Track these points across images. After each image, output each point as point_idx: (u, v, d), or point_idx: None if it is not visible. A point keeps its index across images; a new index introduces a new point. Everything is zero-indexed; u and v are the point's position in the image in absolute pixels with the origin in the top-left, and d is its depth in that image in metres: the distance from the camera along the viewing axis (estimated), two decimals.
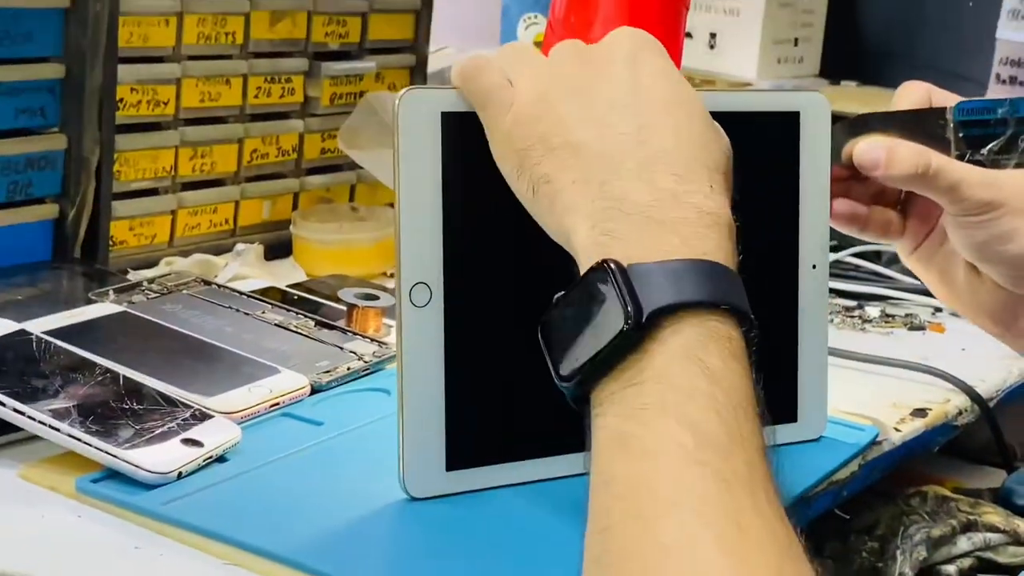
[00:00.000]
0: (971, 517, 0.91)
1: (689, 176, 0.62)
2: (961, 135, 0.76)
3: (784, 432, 0.81)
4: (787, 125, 0.79)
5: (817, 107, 0.79)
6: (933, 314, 1.23)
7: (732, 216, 0.63)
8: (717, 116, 0.75)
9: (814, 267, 0.80)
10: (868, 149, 0.76)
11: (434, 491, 0.71)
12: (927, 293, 1.25)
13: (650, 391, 0.56)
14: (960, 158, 0.76)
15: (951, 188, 0.75)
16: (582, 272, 0.60)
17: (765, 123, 0.78)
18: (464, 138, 0.68)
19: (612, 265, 0.58)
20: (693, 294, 0.58)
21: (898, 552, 0.88)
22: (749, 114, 0.77)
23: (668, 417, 0.55)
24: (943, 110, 0.77)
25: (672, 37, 0.92)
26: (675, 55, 0.96)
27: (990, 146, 0.75)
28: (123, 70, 1.07)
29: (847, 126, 0.79)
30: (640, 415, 0.55)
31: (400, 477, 0.70)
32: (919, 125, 0.77)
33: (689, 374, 0.56)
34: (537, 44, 1.56)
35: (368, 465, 0.77)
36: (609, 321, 0.58)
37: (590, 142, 0.63)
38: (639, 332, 0.57)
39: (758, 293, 0.78)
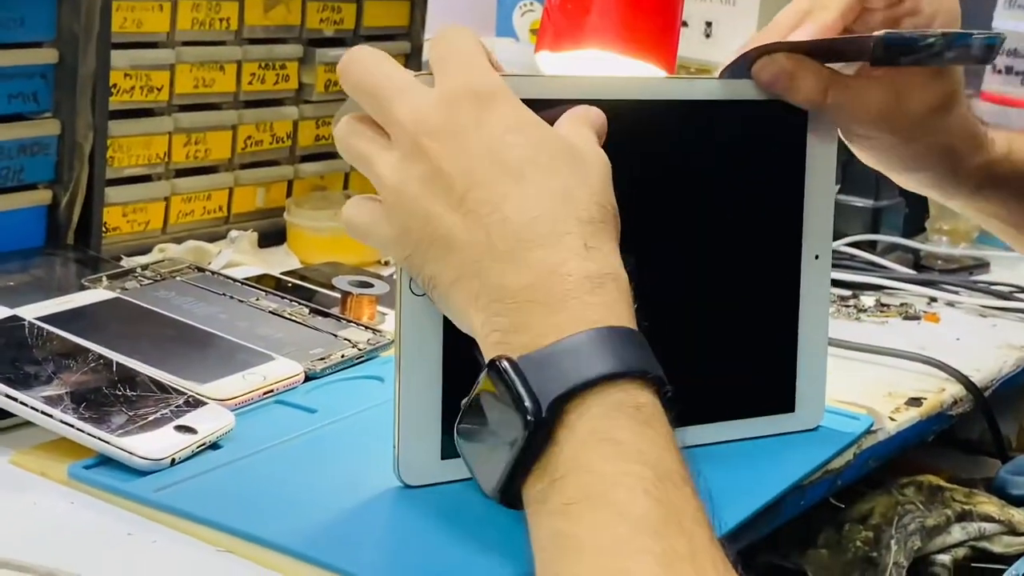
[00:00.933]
0: (965, 507, 0.91)
1: (559, 242, 0.59)
2: (882, 52, 0.74)
3: (781, 422, 0.81)
4: (794, 114, 0.78)
5: None
6: (928, 304, 1.23)
7: (620, 262, 0.61)
8: (723, 105, 0.75)
9: (817, 257, 0.80)
10: (765, 67, 0.76)
11: (428, 479, 0.70)
12: (923, 283, 1.26)
13: (573, 484, 0.54)
14: (874, 62, 0.75)
15: (848, 113, 0.77)
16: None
17: (772, 112, 0.78)
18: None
19: (504, 364, 0.57)
20: (589, 371, 0.56)
21: (892, 541, 0.88)
22: (756, 103, 0.77)
23: (597, 509, 0.53)
24: (868, 39, 0.74)
25: (668, 26, 0.91)
26: (671, 44, 0.95)
27: (914, 55, 0.74)
28: (116, 55, 1.07)
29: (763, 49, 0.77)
30: (569, 511, 0.54)
31: (395, 465, 0.70)
32: (846, 47, 0.76)
33: (605, 457, 0.54)
34: (533, 31, 1.56)
35: (361, 453, 0.76)
36: (513, 423, 0.56)
37: (457, 233, 0.60)
38: (544, 427, 0.56)
39: (760, 281, 0.78)
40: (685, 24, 1.54)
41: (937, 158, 0.81)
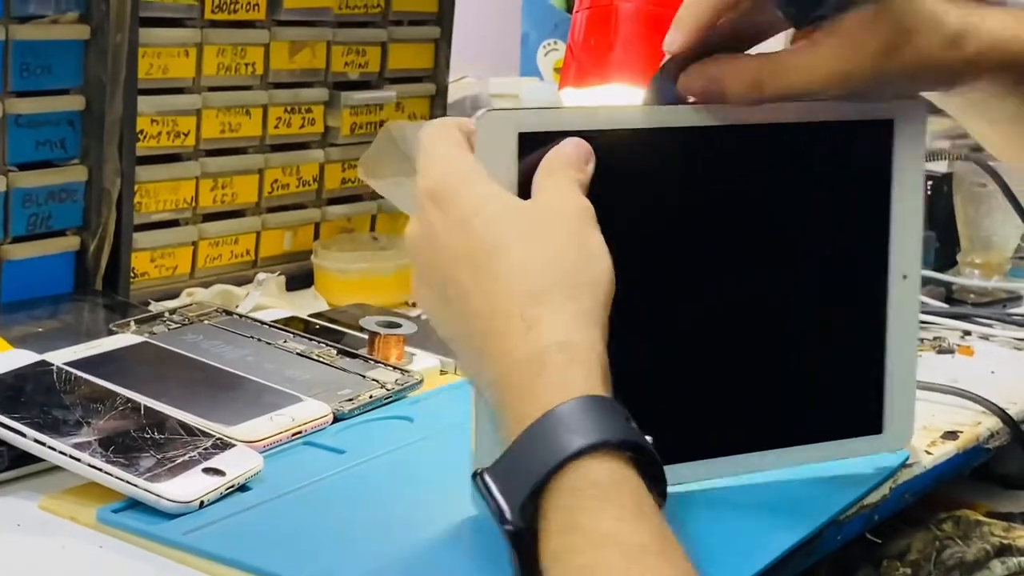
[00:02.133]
0: (1004, 541, 0.90)
1: (507, 328, 0.60)
2: (791, 8, 0.70)
3: (869, 443, 0.81)
4: (881, 133, 0.78)
5: (912, 114, 0.78)
6: (962, 337, 1.21)
7: (570, 320, 0.60)
8: (811, 126, 0.75)
9: (905, 277, 0.79)
10: (691, 82, 0.71)
11: None
12: (956, 316, 1.25)
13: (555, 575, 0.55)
14: (799, 23, 0.70)
15: (793, 92, 0.71)
16: None
17: (858, 131, 0.77)
18: (540, 157, 0.67)
19: (477, 477, 0.59)
20: (542, 467, 0.56)
21: None
22: (843, 123, 0.76)
23: None
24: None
25: None
26: None
27: (820, 9, 0.69)
28: (143, 101, 1.07)
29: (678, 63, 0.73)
30: None
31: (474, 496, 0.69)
32: (754, 17, 0.72)
33: (574, 549, 0.54)
34: (556, 70, 1.56)
35: (390, 494, 0.76)
36: (502, 534, 0.57)
37: (453, 332, 0.64)
38: (523, 533, 0.56)
39: (847, 303, 0.78)
40: None
41: (916, 75, 0.73)
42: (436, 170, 0.65)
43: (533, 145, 0.67)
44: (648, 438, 0.59)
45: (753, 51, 0.74)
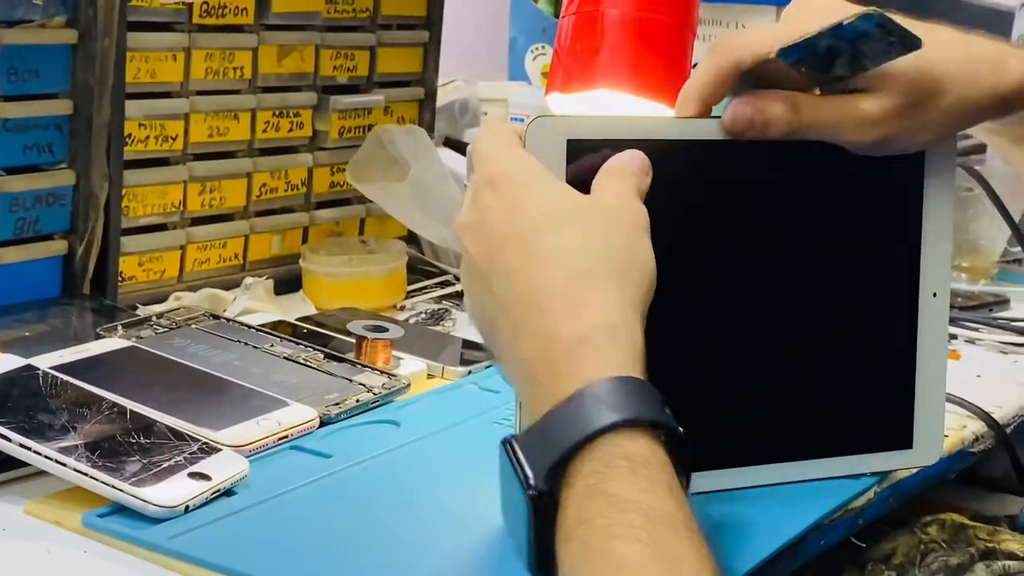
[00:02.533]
0: (989, 545, 0.90)
1: (553, 305, 0.61)
2: (804, 70, 0.72)
3: (899, 458, 0.83)
4: (913, 154, 0.78)
5: None
6: (948, 342, 1.22)
7: (618, 305, 0.61)
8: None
9: (935, 295, 0.81)
10: (736, 110, 0.72)
11: None
12: None
13: (577, 541, 0.56)
14: (821, 83, 0.73)
15: (833, 132, 0.73)
16: None
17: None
18: (589, 163, 0.69)
19: (507, 444, 0.60)
20: (575, 434, 0.58)
21: None
22: None
23: (598, 562, 0.55)
24: (775, 61, 0.72)
25: (678, 65, 0.91)
26: (682, 83, 0.95)
27: (839, 63, 0.72)
28: (131, 106, 1.07)
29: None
30: (578, 570, 0.56)
31: None
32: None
33: (599, 512, 0.56)
34: (544, 74, 1.57)
35: (377, 497, 0.76)
36: (521, 498, 0.59)
37: (494, 314, 0.64)
38: (544, 497, 0.58)
39: (879, 319, 0.80)
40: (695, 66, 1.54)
41: (951, 119, 0.75)
42: (501, 164, 0.66)
43: (580, 152, 0.69)
44: (680, 428, 0.60)
45: None
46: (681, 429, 0.60)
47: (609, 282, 0.62)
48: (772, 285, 0.77)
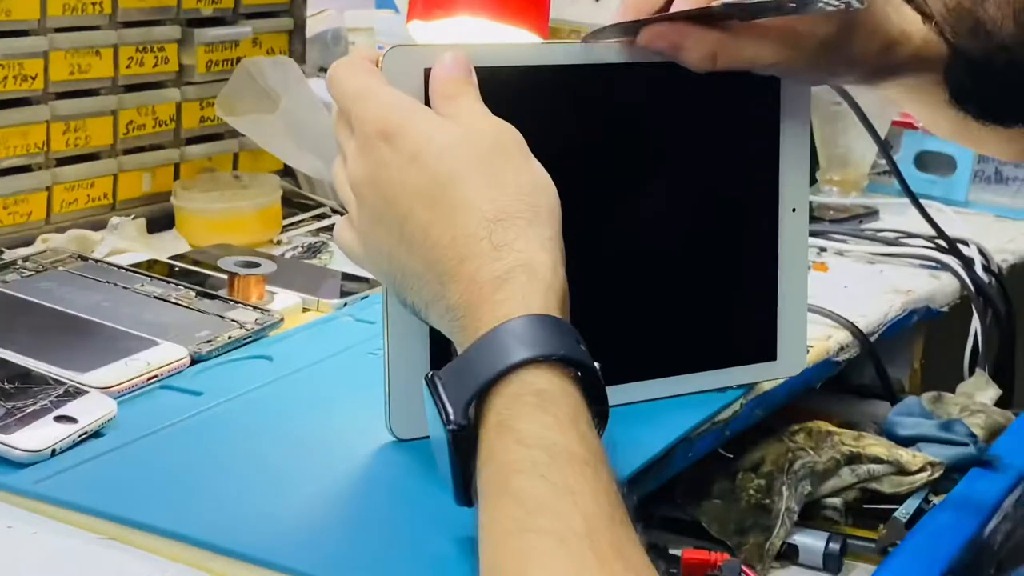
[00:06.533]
0: (854, 449, 0.93)
1: (474, 251, 0.62)
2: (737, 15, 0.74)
3: (764, 370, 0.85)
4: (770, 76, 0.79)
5: None
6: (818, 254, 1.25)
7: (537, 244, 0.63)
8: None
9: (794, 210, 0.83)
10: (656, 36, 0.75)
11: (419, 432, 0.70)
12: (812, 234, 1.28)
13: (486, 474, 0.58)
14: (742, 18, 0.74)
15: (741, 67, 0.77)
16: None
17: (750, 75, 0.78)
18: None
19: (430, 378, 0.62)
20: (489, 370, 0.59)
21: (783, 487, 0.89)
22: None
23: (499, 496, 0.57)
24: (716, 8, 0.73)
25: None
26: (543, 9, 0.96)
27: (766, 11, 0.73)
28: None
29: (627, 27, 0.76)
30: (485, 502, 0.58)
31: (387, 420, 0.72)
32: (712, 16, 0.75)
33: (506, 446, 0.57)
34: None
35: (247, 433, 0.76)
36: (442, 431, 0.60)
37: (411, 265, 0.65)
38: (462, 430, 0.59)
39: (740, 235, 0.81)
40: None
41: (850, 69, 0.80)
42: (375, 108, 0.66)
43: None
44: (596, 364, 0.62)
45: None
46: (596, 364, 0.62)
47: (525, 221, 0.63)
48: (636, 205, 0.78)
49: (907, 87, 0.83)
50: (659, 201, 0.79)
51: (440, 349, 0.69)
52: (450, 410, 0.60)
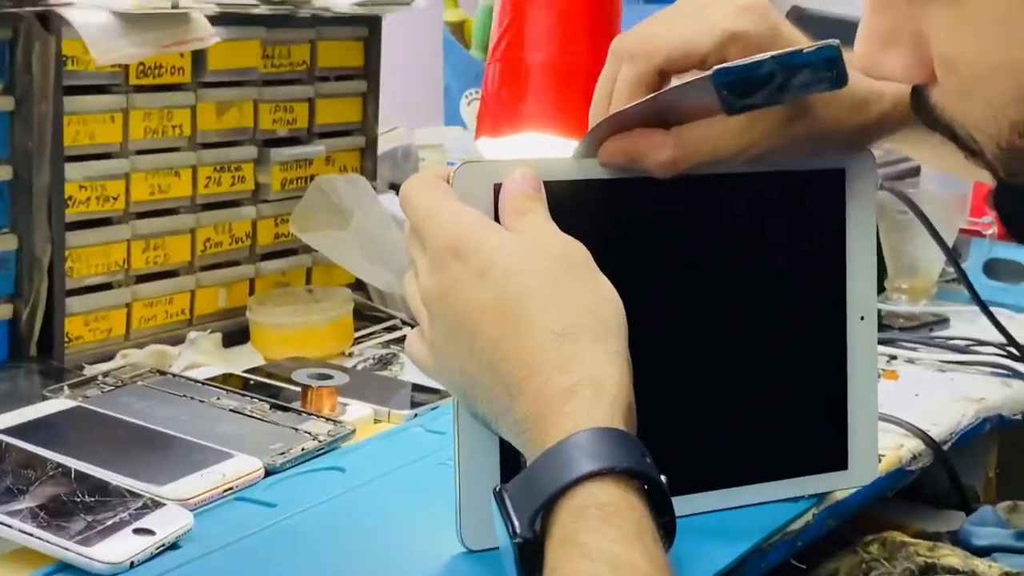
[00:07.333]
0: (929, 560, 0.92)
1: (544, 364, 0.64)
2: (725, 92, 0.69)
3: (835, 479, 0.85)
4: (833, 181, 0.81)
5: (863, 163, 0.82)
6: (888, 362, 1.24)
7: (603, 358, 0.64)
8: (765, 176, 0.78)
9: (862, 319, 0.83)
10: (613, 153, 0.74)
11: (490, 543, 0.71)
12: (882, 342, 1.28)
13: None
14: (731, 110, 0.70)
15: (705, 163, 0.74)
16: None
17: (812, 180, 0.80)
18: None
19: (496, 492, 0.63)
20: (554, 483, 0.60)
21: None
22: (797, 172, 0.80)
23: None
24: (707, 79, 0.70)
25: None
26: None
27: (762, 91, 0.70)
28: (71, 168, 1.09)
29: (610, 124, 0.74)
30: None
31: (457, 530, 0.73)
32: (687, 97, 0.72)
33: (569, 559, 0.58)
34: None
35: (321, 545, 0.77)
36: (509, 545, 0.61)
37: (481, 379, 0.66)
38: (528, 544, 0.60)
39: (809, 344, 0.83)
40: None
41: (824, 139, 0.77)
42: (446, 224, 0.68)
43: None
44: (663, 477, 0.63)
45: None
46: (663, 477, 0.62)
47: (591, 336, 0.64)
48: (700, 317, 0.79)
49: (899, 140, 0.82)
50: (725, 309, 0.80)
51: (510, 460, 0.70)
52: (516, 523, 0.61)
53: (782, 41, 0.73)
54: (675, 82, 0.74)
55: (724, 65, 0.69)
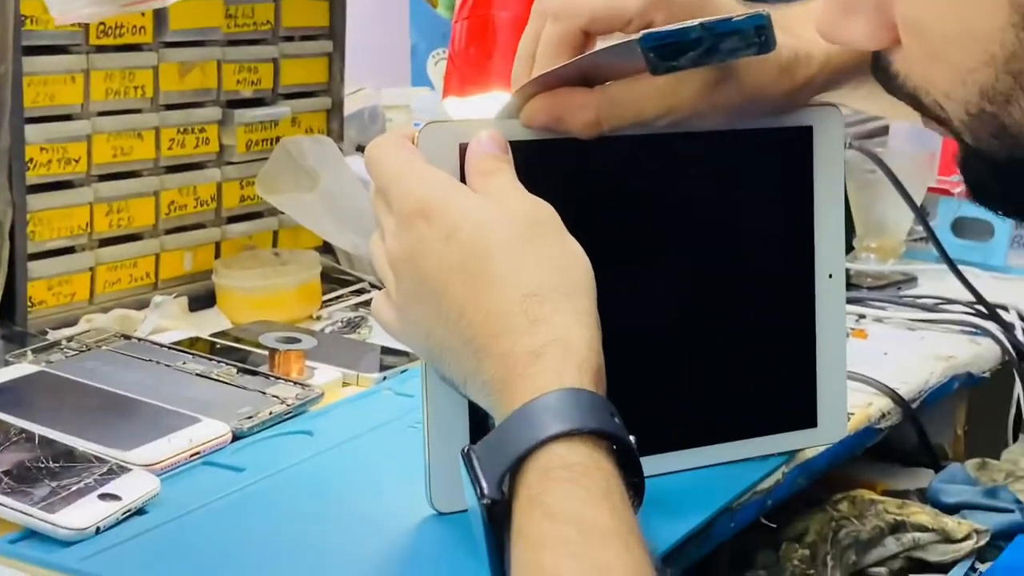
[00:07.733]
0: (899, 518, 0.92)
1: (510, 326, 0.63)
2: (652, 55, 0.68)
3: (805, 437, 0.84)
4: (800, 139, 0.81)
5: (830, 121, 0.81)
6: (857, 320, 1.24)
7: (571, 319, 0.63)
8: (730, 135, 0.77)
9: (830, 276, 0.83)
10: (536, 113, 0.72)
11: (459, 506, 0.70)
12: (850, 301, 1.28)
13: (516, 550, 0.58)
14: (656, 71, 0.69)
15: (627, 124, 0.73)
16: None
17: (779, 138, 0.80)
18: None
19: (464, 453, 0.62)
20: (521, 444, 0.60)
21: (828, 557, 0.89)
22: (763, 130, 0.79)
23: (528, 573, 0.57)
24: (633, 42, 0.68)
25: None
26: None
27: (689, 54, 0.69)
28: (31, 130, 1.07)
29: (534, 85, 0.73)
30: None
31: (427, 493, 0.72)
32: (612, 59, 0.71)
33: (534, 521, 0.58)
34: None
35: (289, 508, 0.76)
36: (476, 505, 0.61)
37: (448, 342, 0.65)
38: (497, 504, 0.60)
39: (777, 303, 0.82)
40: None
41: (753, 102, 0.76)
42: (412, 185, 0.67)
43: None
44: (632, 437, 0.62)
45: None
46: (632, 437, 0.62)
47: (560, 296, 0.64)
48: (667, 277, 0.78)
49: (852, 96, 0.81)
50: (693, 269, 0.79)
51: (479, 422, 0.70)
52: (484, 484, 0.60)
53: (709, 6, 0.72)
54: (600, 45, 0.73)
55: (652, 30, 0.69)
